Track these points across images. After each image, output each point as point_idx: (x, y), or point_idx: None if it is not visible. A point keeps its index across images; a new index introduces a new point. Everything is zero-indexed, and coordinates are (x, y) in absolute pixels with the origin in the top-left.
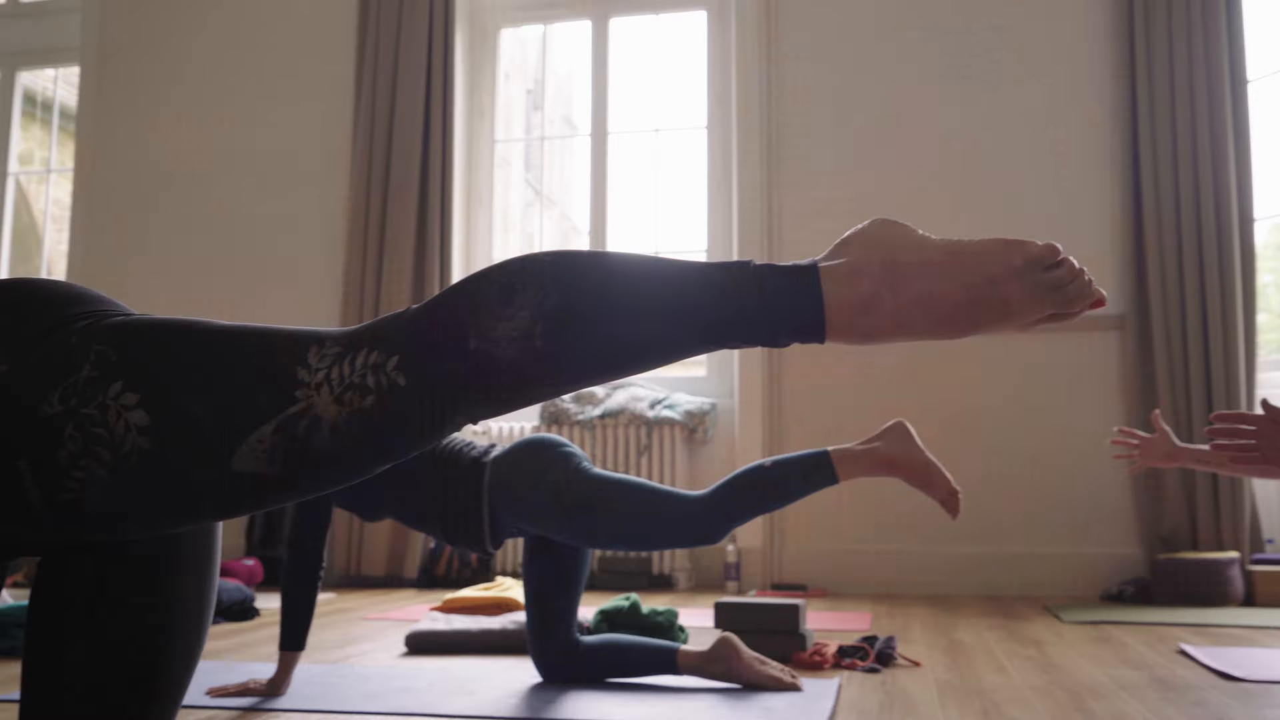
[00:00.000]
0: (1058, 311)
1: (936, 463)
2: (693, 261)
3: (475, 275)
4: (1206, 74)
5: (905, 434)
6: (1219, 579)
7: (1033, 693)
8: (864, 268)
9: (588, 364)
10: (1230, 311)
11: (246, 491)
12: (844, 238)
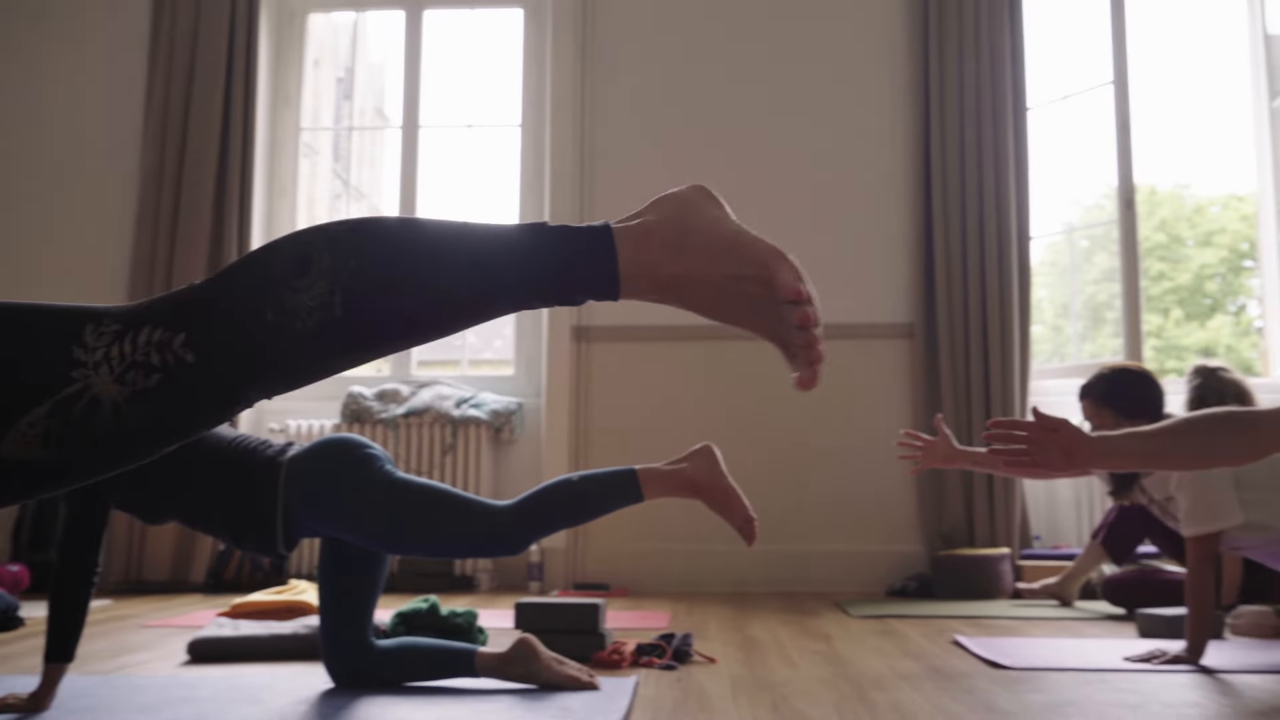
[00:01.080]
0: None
1: (737, 489)
2: (493, 224)
3: (267, 246)
4: (992, 100)
5: (711, 458)
6: (992, 573)
7: (820, 685)
8: (656, 230)
9: (390, 331)
10: (1008, 323)
11: (16, 477)
12: (658, 196)
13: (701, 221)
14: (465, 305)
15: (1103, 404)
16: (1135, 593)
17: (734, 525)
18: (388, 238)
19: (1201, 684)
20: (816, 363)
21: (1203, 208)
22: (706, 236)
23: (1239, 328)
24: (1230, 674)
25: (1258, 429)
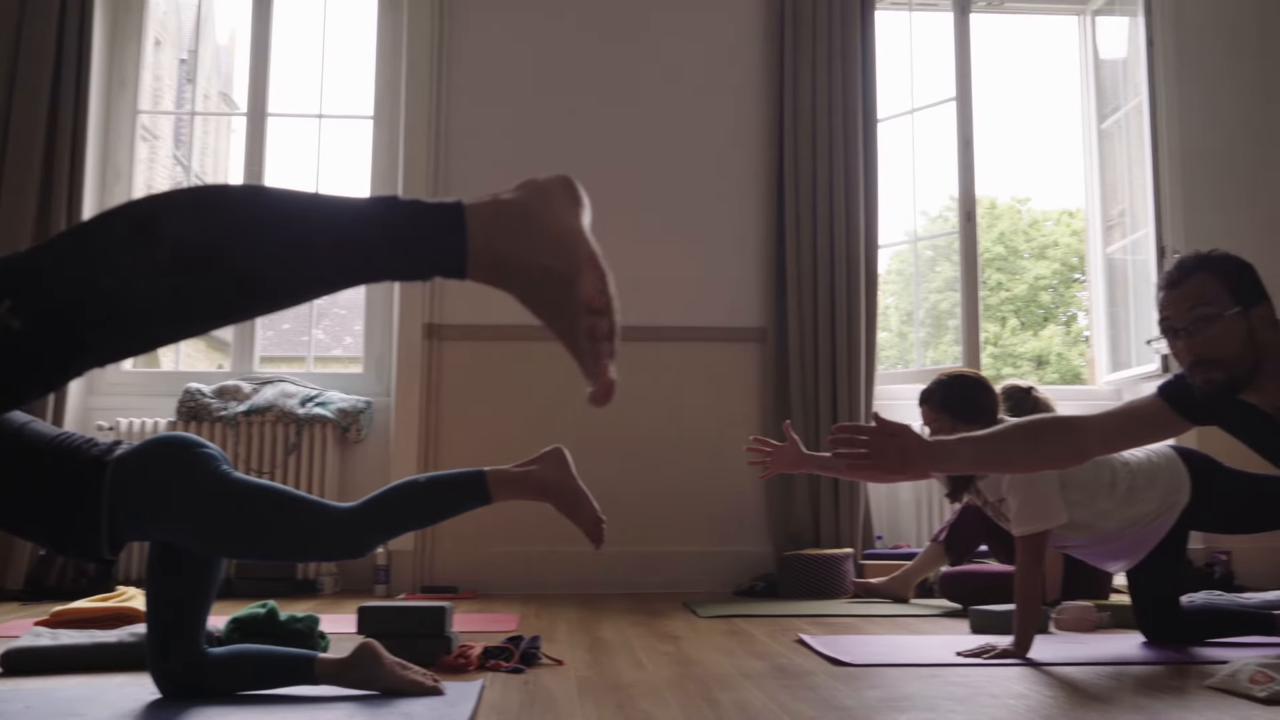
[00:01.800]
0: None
1: (587, 492)
2: (343, 197)
3: (106, 212)
4: (844, 112)
5: (561, 460)
6: (836, 573)
7: (666, 686)
8: (505, 211)
9: (231, 301)
10: (855, 329)
11: None
12: (525, 180)
13: (548, 212)
14: (310, 275)
15: (940, 410)
16: (969, 587)
17: (583, 528)
18: (232, 205)
19: (1028, 677)
20: (601, 376)
21: (1038, 222)
22: (544, 227)
23: (1069, 337)
24: (1055, 666)
25: (1081, 434)
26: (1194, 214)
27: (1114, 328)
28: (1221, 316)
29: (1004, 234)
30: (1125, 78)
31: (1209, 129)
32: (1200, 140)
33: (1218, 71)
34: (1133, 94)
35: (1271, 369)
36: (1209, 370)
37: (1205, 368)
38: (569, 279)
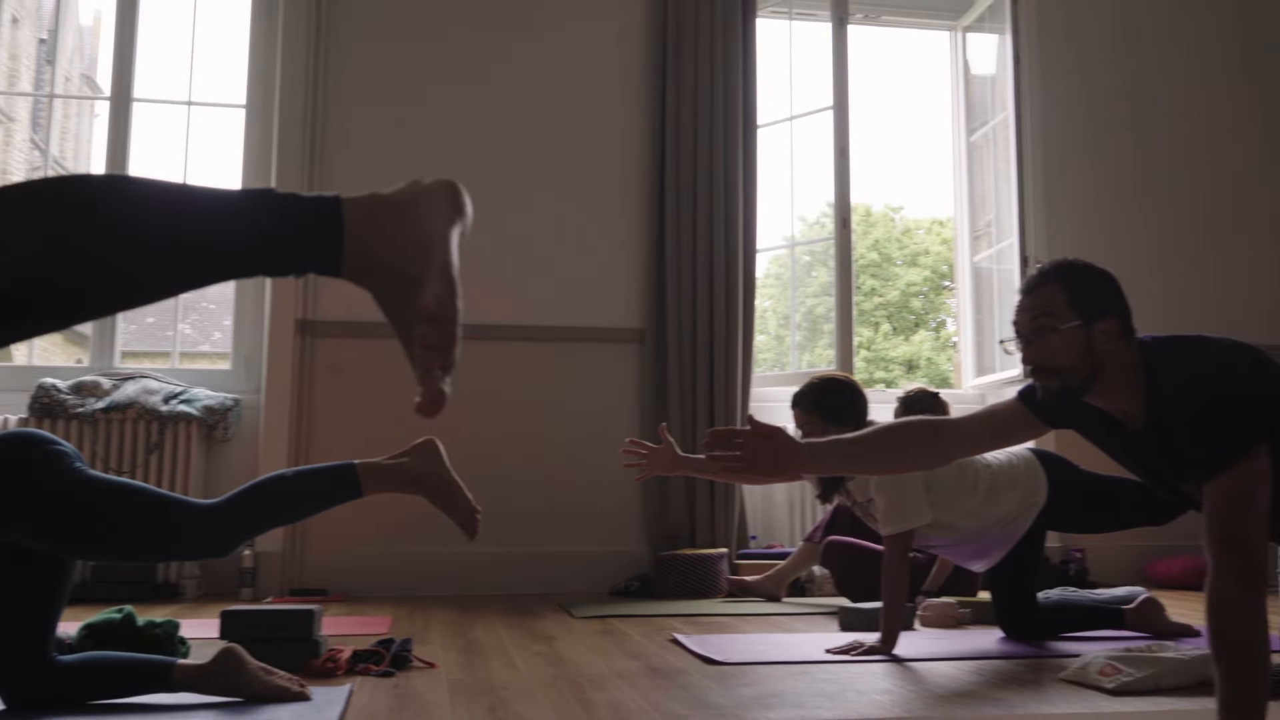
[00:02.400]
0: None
1: (460, 483)
2: (214, 189)
3: None
4: (724, 117)
5: (434, 452)
6: (711, 572)
7: (539, 686)
8: (381, 208)
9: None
10: (733, 332)
11: None
12: (411, 180)
13: (421, 214)
14: (176, 271)
15: (812, 412)
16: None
17: (457, 520)
18: (95, 196)
19: (893, 672)
20: (428, 386)
21: (911, 230)
22: (414, 229)
23: (939, 342)
24: (919, 662)
25: (944, 437)
26: (1055, 225)
27: (980, 333)
28: (1058, 329)
29: (878, 241)
30: (994, 93)
31: (1071, 144)
32: (1062, 154)
33: (1080, 89)
34: (1000, 108)
35: (1113, 378)
36: (1045, 378)
37: (1042, 375)
38: (416, 284)
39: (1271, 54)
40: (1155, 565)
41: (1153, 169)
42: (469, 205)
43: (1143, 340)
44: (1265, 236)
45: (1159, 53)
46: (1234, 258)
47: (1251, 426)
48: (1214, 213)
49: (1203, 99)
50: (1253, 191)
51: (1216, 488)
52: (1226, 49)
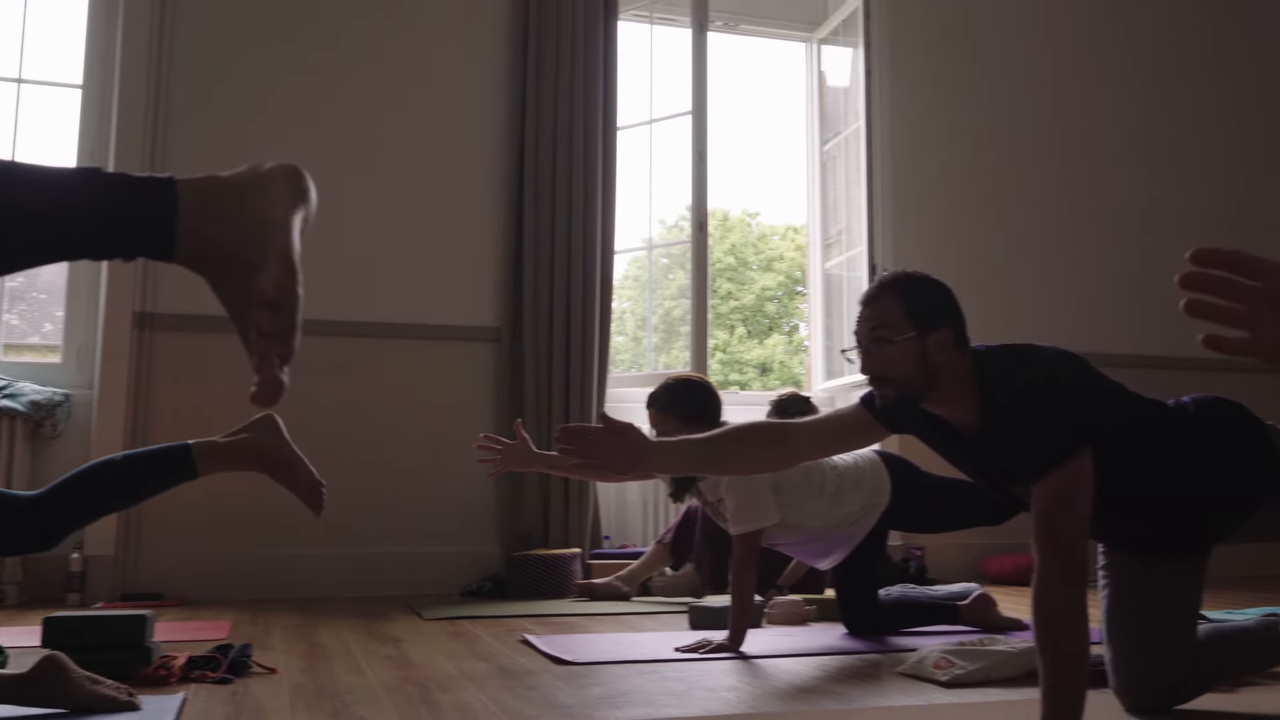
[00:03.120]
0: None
1: (302, 456)
2: (43, 166)
3: None
4: (584, 118)
5: (273, 426)
6: (564, 572)
7: (385, 690)
8: (218, 190)
9: None
10: (590, 332)
11: None
12: (251, 164)
13: (260, 199)
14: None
15: (666, 412)
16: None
17: (301, 496)
18: None
19: (741, 669)
20: (264, 374)
21: (766, 236)
22: (254, 213)
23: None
24: (765, 659)
25: (792, 439)
26: (902, 234)
27: (830, 338)
28: (893, 340)
29: (735, 245)
30: (847, 104)
31: (919, 156)
32: (910, 166)
33: (929, 102)
34: (853, 119)
35: (947, 386)
36: (883, 386)
37: (880, 384)
38: (255, 269)
39: (1118, 68)
40: (988, 562)
41: (998, 182)
42: (313, 191)
43: (976, 349)
44: (1105, 248)
45: (1006, 68)
46: (1074, 268)
47: (1075, 431)
48: (1057, 225)
49: (1049, 114)
50: (1096, 204)
51: (1043, 489)
52: (1074, 64)
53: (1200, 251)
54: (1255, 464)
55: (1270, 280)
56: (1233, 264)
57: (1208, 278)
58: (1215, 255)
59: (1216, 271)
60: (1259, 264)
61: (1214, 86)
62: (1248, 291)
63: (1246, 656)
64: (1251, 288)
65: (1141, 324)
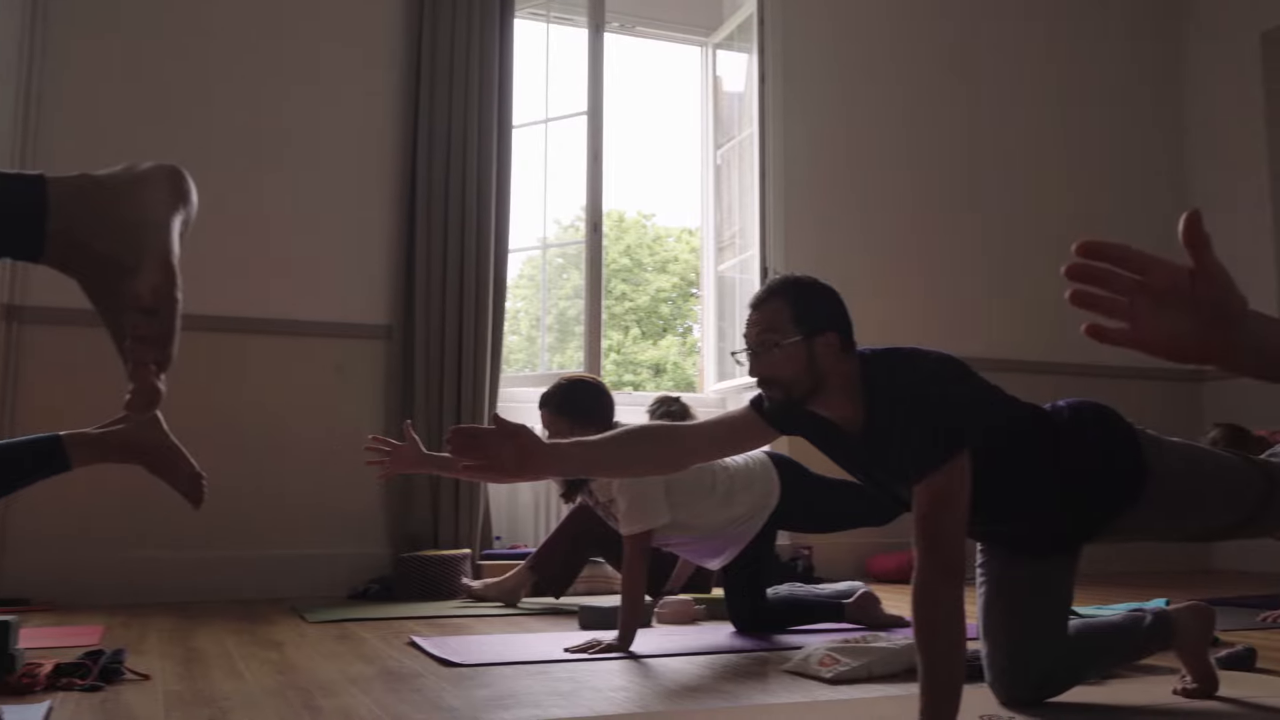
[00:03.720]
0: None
1: (181, 448)
2: None
3: None
4: (479, 116)
5: (151, 418)
6: (454, 573)
7: (265, 695)
8: (89, 193)
9: None
10: (482, 332)
11: None
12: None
13: (136, 199)
14: None
15: (558, 413)
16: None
17: (180, 488)
18: None
19: (630, 669)
20: (139, 382)
21: (661, 237)
22: (129, 214)
23: (685, 348)
24: (654, 658)
25: (684, 441)
26: (794, 238)
27: (722, 340)
28: (780, 344)
29: (630, 247)
30: (741, 109)
31: (810, 161)
32: (802, 171)
33: (821, 109)
34: (747, 124)
35: (834, 389)
36: (770, 389)
37: (767, 386)
38: (130, 272)
39: (998, 78)
40: (873, 561)
41: (887, 188)
42: (194, 193)
43: (862, 352)
44: (988, 254)
45: (896, 77)
46: (959, 273)
47: (955, 433)
48: (943, 230)
49: (936, 122)
50: (981, 211)
51: (924, 489)
52: (959, 73)
53: (1087, 244)
54: (1125, 466)
55: (1152, 275)
56: (1117, 257)
57: (1093, 269)
58: (1101, 248)
59: (1101, 264)
60: (1142, 258)
61: (1087, 99)
62: (1130, 285)
63: (1113, 650)
64: (1134, 281)
65: (1022, 329)
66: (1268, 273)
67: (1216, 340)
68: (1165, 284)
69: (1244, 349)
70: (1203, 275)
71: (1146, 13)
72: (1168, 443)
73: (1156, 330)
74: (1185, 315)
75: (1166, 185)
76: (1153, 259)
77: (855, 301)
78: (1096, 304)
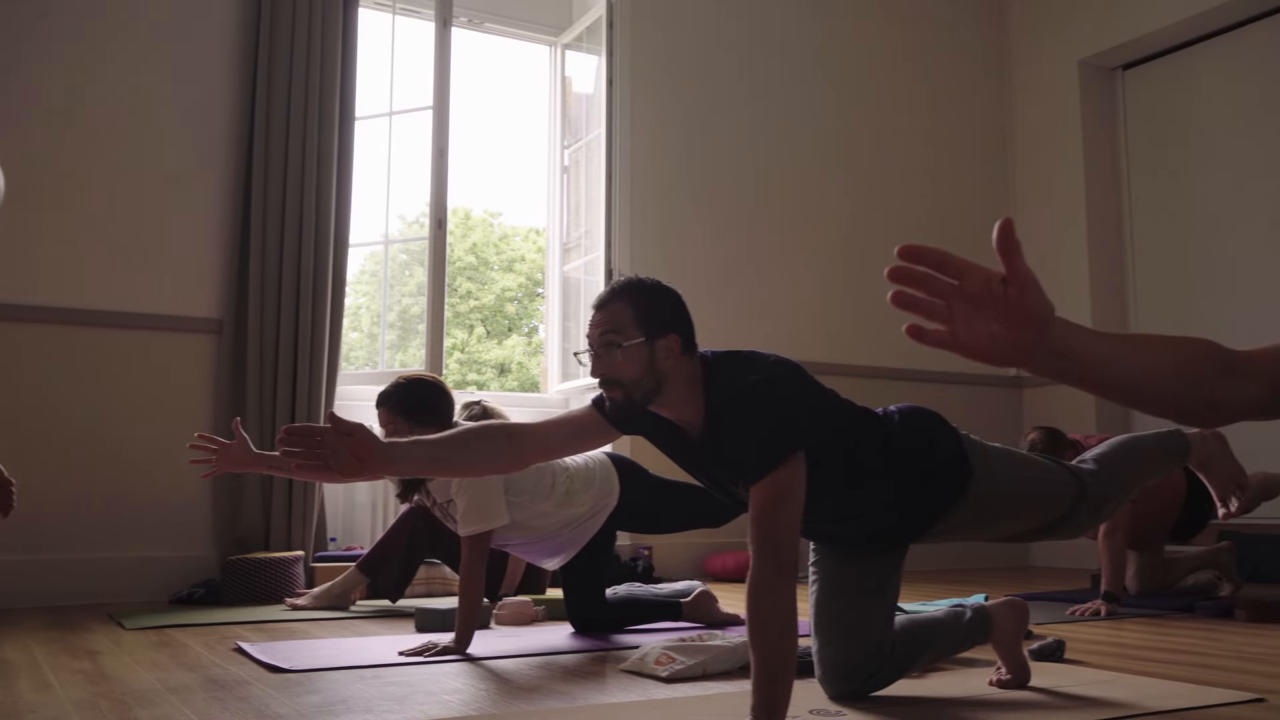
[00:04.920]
0: None
1: None
2: None
3: None
4: (320, 106)
5: None
6: (285, 577)
7: (75, 708)
8: None
9: None
10: (320, 327)
11: None
12: None
13: None
14: None
15: (396, 412)
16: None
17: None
18: None
19: (466, 671)
20: None
21: (509, 236)
22: None
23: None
24: (492, 660)
25: (524, 441)
26: (639, 240)
27: (567, 340)
28: (622, 346)
29: (476, 245)
30: (590, 110)
31: (657, 164)
32: (649, 174)
33: (668, 113)
34: (595, 126)
35: (675, 390)
36: (612, 390)
37: (609, 387)
38: None
39: (845, 86)
40: (711, 560)
41: (732, 193)
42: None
43: (704, 355)
44: (827, 260)
45: (742, 83)
46: (798, 279)
47: (790, 436)
48: (785, 236)
49: (783, 128)
50: (825, 218)
51: (759, 489)
52: (807, 80)
53: (907, 248)
54: (950, 469)
55: (967, 280)
56: (936, 262)
57: (913, 272)
58: (920, 252)
59: (921, 268)
60: (959, 264)
61: (924, 109)
62: (947, 289)
63: (936, 645)
64: (951, 285)
65: (859, 335)
66: (1082, 280)
67: (1025, 344)
68: (980, 289)
69: (1050, 353)
70: (1014, 281)
71: (974, 35)
72: (991, 448)
73: (971, 333)
74: (997, 319)
75: (992, 195)
76: (969, 265)
77: (698, 304)
78: (915, 306)
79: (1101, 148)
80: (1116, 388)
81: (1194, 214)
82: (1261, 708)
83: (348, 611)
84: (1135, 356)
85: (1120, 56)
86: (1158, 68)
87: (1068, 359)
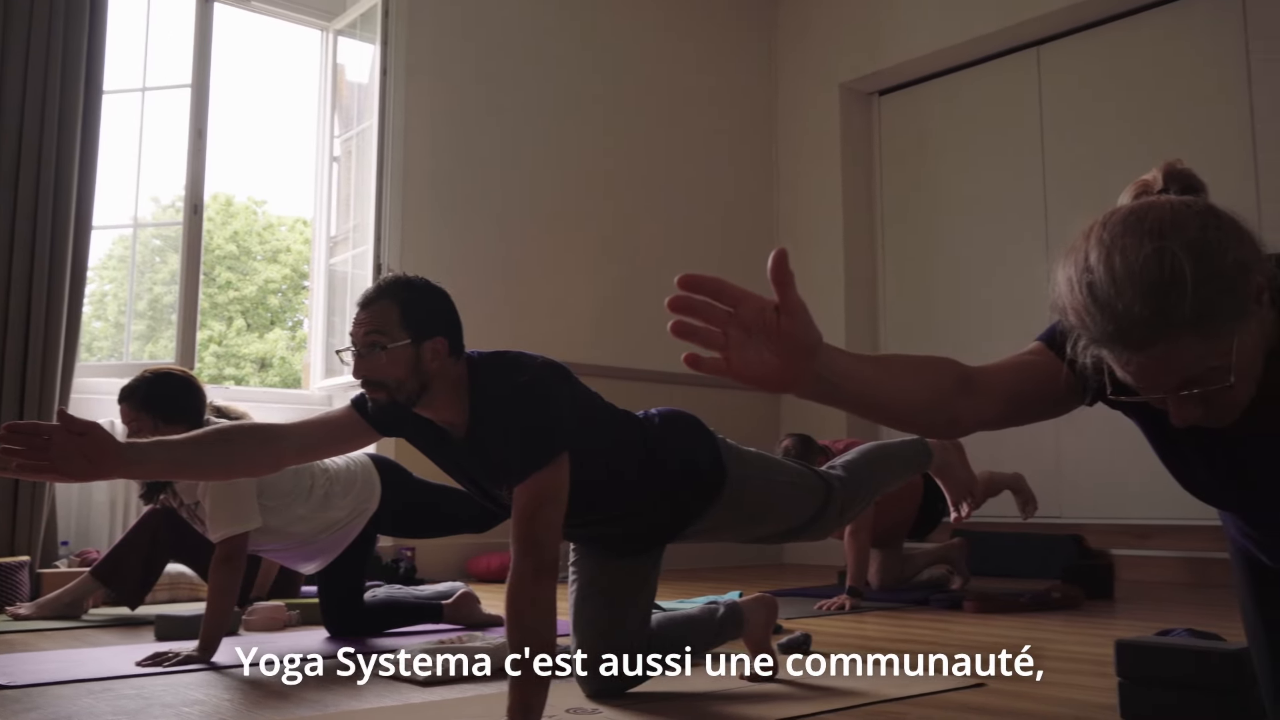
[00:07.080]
0: None
1: None
2: None
3: None
4: (61, 77)
5: None
6: (9, 583)
7: None
8: None
9: None
10: (55, 315)
11: None
12: None
13: None
14: None
15: (141, 409)
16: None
17: None
18: None
19: (210, 681)
20: None
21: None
22: None
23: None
24: (239, 668)
25: (278, 443)
26: (410, 235)
27: (332, 335)
28: (387, 348)
29: (238, 233)
30: (364, 100)
31: (431, 160)
32: (423, 169)
33: (442, 107)
34: (368, 116)
35: (440, 392)
36: (375, 391)
37: (372, 388)
38: None
39: (629, 88)
40: (475, 561)
41: (506, 194)
42: None
43: (470, 356)
44: (597, 265)
45: (517, 82)
46: (568, 282)
47: (555, 436)
48: (556, 238)
49: (556, 130)
50: (594, 222)
51: (523, 489)
52: (581, 83)
53: (686, 277)
54: (707, 472)
55: (743, 308)
56: (713, 290)
57: (692, 301)
58: (699, 281)
59: (699, 296)
60: (734, 292)
61: (703, 123)
62: (723, 317)
63: (691, 641)
64: (727, 313)
65: (626, 337)
66: (837, 284)
67: (794, 371)
68: (753, 317)
69: (816, 379)
70: (786, 310)
71: (746, 55)
72: (746, 452)
73: (744, 361)
74: (769, 346)
75: (758, 201)
76: (744, 293)
77: (468, 303)
78: (694, 335)
79: (860, 164)
80: (872, 408)
81: (937, 227)
82: (983, 691)
83: (79, 621)
84: (889, 379)
85: (877, 83)
86: (910, 94)
87: (830, 383)
